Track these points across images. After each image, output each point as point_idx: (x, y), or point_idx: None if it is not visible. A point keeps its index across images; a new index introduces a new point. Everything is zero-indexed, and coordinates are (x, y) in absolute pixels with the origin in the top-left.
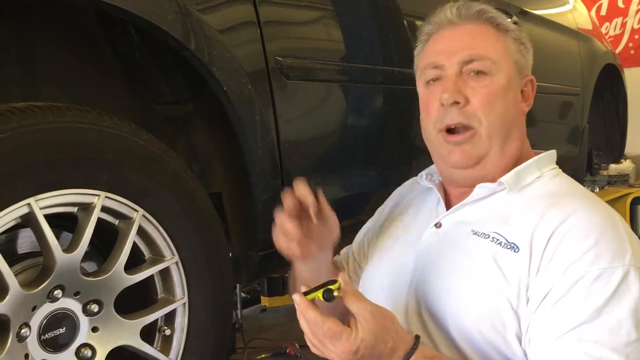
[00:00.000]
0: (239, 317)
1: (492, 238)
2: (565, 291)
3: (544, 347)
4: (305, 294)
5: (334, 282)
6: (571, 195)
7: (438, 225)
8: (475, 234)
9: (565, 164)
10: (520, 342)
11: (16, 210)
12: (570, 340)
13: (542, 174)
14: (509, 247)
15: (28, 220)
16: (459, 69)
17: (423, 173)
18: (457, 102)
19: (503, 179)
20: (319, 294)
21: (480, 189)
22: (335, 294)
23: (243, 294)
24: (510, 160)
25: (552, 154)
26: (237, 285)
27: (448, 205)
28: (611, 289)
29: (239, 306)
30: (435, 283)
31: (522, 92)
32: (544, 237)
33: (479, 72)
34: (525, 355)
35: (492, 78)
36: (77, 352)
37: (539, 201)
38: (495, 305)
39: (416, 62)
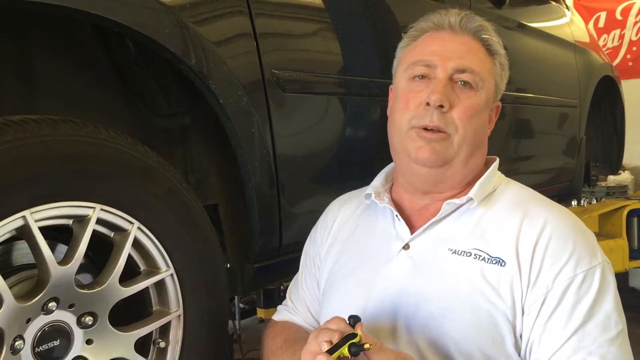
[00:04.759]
0: (237, 328)
1: (475, 255)
2: (558, 299)
3: (549, 358)
4: (329, 352)
5: (353, 335)
6: (533, 203)
7: (406, 246)
8: (454, 253)
9: (563, 176)
10: (516, 349)
11: (11, 223)
12: (573, 345)
13: (496, 182)
14: (494, 262)
15: (23, 233)
16: (450, 75)
17: (370, 192)
18: (441, 106)
19: (472, 193)
20: (344, 351)
21: (449, 205)
22: (367, 346)
23: (241, 305)
24: (469, 174)
25: (497, 161)
26: (236, 296)
27: (407, 222)
28: (595, 288)
29: (237, 317)
30: (428, 310)
31: (489, 114)
32: (528, 249)
33: (466, 83)
34: None
35: (476, 93)
36: None
37: (509, 213)
38: (493, 321)
39: (401, 54)
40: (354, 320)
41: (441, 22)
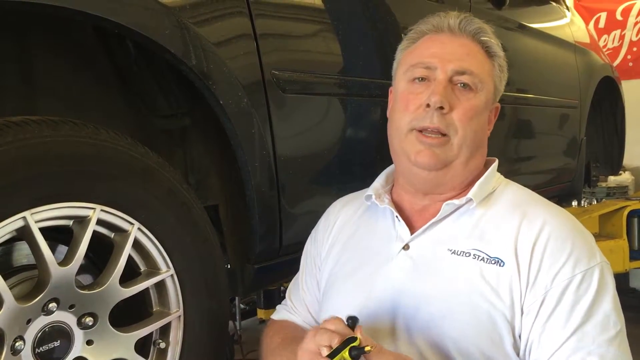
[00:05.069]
0: (238, 328)
1: (474, 255)
2: (557, 300)
3: (549, 358)
4: (329, 357)
5: (353, 339)
6: (532, 204)
7: (406, 247)
8: (453, 253)
9: (563, 176)
10: (515, 350)
11: (11, 224)
12: (572, 345)
13: (495, 183)
14: (493, 262)
15: (23, 234)
16: (449, 76)
17: (371, 193)
18: (442, 108)
19: (471, 194)
20: (344, 354)
21: (448, 206)
22: (367, 349)
23: (242, 306)
24: (468, 176)
25: (496, 162)
26: (236, 297)
27: (407, 222)
28: (594, 288)
29: (237, 318)
30: (428, 310)
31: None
32: (527, 249)
33: (466, 85)
34: None
35: (476, 94)
36: None
37: (508, 214)
38: (492, 322)
39: (400, 56)
40: (352, 321)
41: (440, 24)
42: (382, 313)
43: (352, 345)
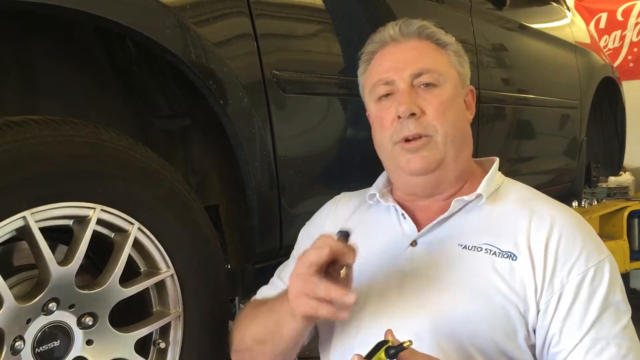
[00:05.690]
0: None
1: (485, 250)
2: (574, 293)
3: (569, 353)
4: (366, 358)
5: (385, 342)
6: (538, 201)
7: (414, 244)
8: (465, 248)
9: (564, 177)
10: (527, 342)
11: (12, 223)
12: (592, 337)
13: (499, 180)
14: (505, 256)
15: (23, 233)
16: (409, 82)
17: (374, 192)
18: (413, 114)
19: (480, 190)
20: (381, 355)
21: (458, 202)
22: (406, 344)
23: (241, 306)
24: (462, 169)
25: (497, 160)
26: (236, 297)
27: (412, 219)
28: (606, 280)
29: None
30: (440, 304)
31: (464, 101)
32: (540, 246)
33: (428, 84)
34: (534, 356)
35: (441, 89)
36: None
37: (516, 210)
38: (506, 314)
39: (362, 81)
40: (342, 234)
41: (383, 38)
42: (389, 312)
43: (387, 345)
